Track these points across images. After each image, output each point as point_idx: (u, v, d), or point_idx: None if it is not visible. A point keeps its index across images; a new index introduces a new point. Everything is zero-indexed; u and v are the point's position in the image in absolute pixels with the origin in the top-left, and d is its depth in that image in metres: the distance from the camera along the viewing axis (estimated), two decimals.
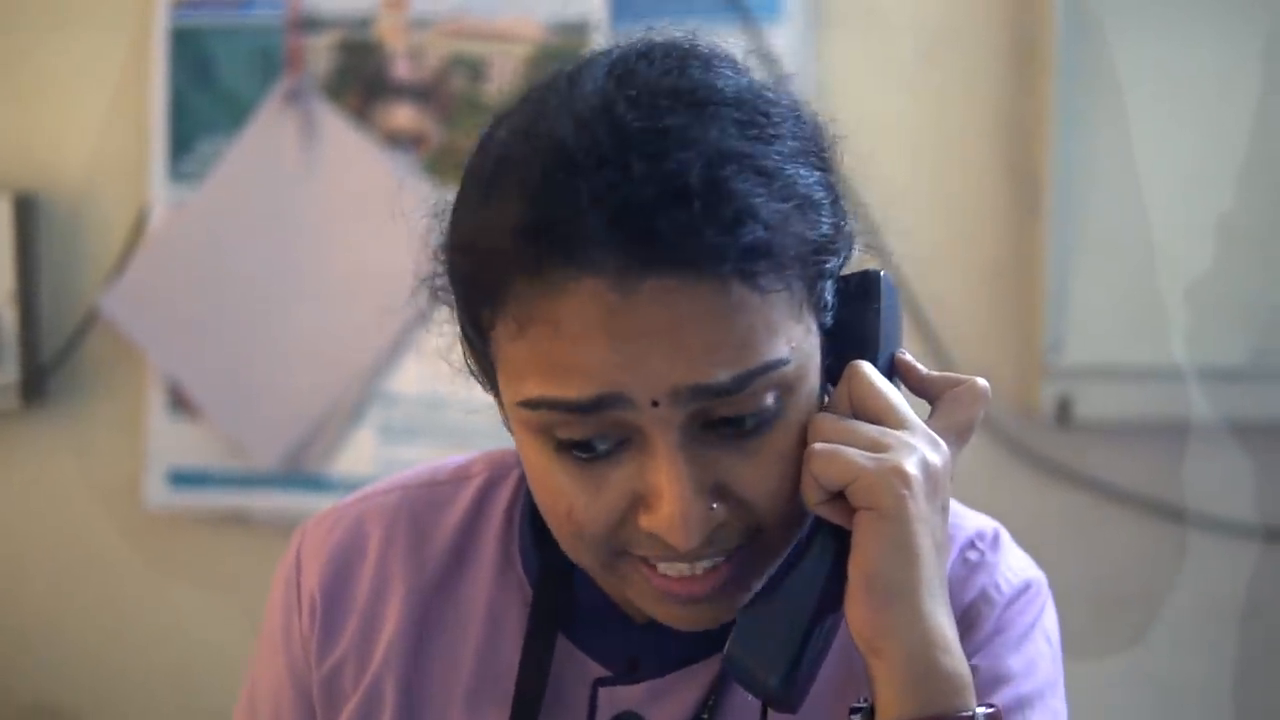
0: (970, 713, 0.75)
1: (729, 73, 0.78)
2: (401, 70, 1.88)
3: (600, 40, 1.80)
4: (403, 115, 1.88)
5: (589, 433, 0.75)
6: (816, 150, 0.79)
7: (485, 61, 1.86)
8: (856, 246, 0.83)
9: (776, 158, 0.75)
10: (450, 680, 0.91)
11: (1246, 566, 1.80)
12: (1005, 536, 0.94)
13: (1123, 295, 1.77)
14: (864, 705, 0.77)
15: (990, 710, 0.76)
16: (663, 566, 0.78)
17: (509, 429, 0.82)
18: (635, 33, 0.80)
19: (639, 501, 0.76)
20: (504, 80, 1.84)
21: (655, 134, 0.72)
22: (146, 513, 1.97)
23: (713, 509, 0.76)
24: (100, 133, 1.95)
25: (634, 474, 0.76)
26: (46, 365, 1.99)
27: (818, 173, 0.78)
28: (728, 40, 0.82)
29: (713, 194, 0.71)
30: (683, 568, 0.78)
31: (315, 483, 1.91)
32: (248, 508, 1.94)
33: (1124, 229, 1.76)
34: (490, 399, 0.84)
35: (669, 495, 0.74)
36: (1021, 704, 0.85)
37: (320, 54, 1.89)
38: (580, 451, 0.76)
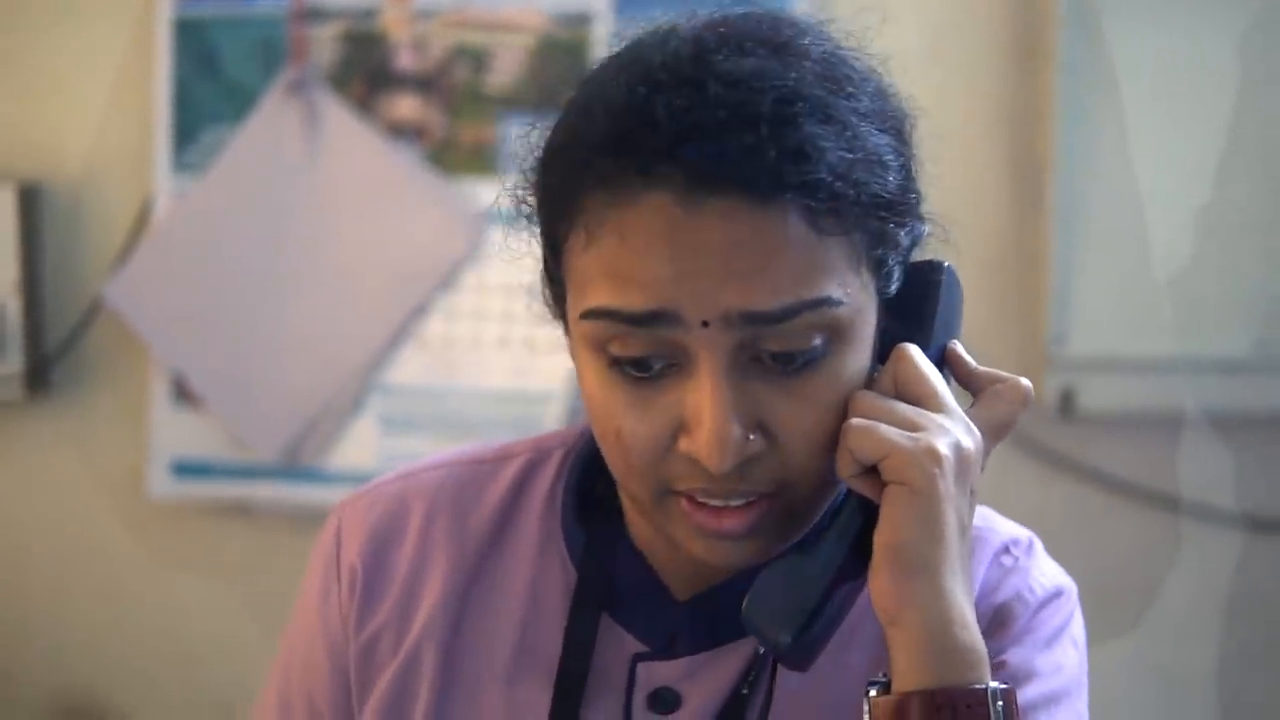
0: (984, 686, 0.76)
1: (819, 36, 0.82)
2: (405, 61, 1.88)
3: (603, 32, 1.80)
4: (406, 106, 1.88)
5: (641, 350, 0.78)
6: (893, 121, 0.83)
7: (489, 52, 1.86)
8: (928, 229, 0.86)
9: (849, 113, 0.78)
10: (489, 656, 0.92)
11: (1251, 559, 1.81)
12: (1039, 545, 0.96)
13: (1125, 287, 1.77)
14: (882, 679, 0.78)
15: (1004, 687, 0.77)
16: (700, 496, 0.80)
17: (573, 358, 0.84)
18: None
19: (682, 428, 0.79)
20: (507, 71, 1.84)
21: (736, 66, 0.76)
22: (149, 503, 1.97)
23: (750, 439, 0.78)
24: (104, 123, 1.95)
25: (679, 398, 0.78)
26: (50, 355, 1.99)
27: (888, 137, 0.81)
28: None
29: (781, 124, 0.75)
30: (717, 501, 0.80)
31: (317, 474, 1.92)
32: (251, 498, 1.94)
33: (1126, 222, 1.76)
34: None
35: (708, 415, 0.76)
36: (1047, 701, 0.87)
37: (324, 44, 1.89)
38: (632, 369, 0.78)
